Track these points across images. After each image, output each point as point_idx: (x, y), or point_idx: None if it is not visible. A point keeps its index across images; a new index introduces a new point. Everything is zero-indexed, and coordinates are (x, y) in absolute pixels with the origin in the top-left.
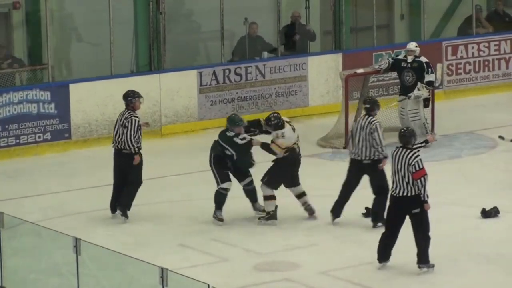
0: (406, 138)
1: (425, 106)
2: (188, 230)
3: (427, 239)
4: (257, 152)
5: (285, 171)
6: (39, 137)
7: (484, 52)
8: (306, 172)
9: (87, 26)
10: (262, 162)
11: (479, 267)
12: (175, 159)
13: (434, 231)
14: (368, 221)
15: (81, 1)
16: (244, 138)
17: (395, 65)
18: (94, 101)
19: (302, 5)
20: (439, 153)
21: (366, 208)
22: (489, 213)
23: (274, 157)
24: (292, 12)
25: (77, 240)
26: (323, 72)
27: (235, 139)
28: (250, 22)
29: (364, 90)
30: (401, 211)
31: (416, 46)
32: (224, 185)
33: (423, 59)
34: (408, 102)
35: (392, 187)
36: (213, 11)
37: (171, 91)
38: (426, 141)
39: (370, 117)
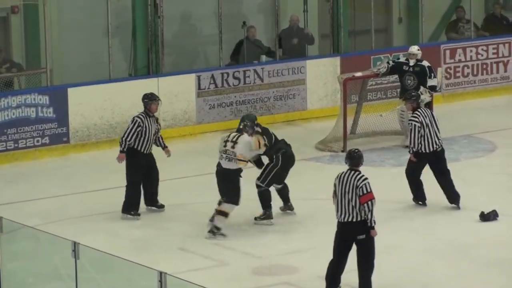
0: (356, 159)
1: None
2: (187, 234)
3: (371, 267)
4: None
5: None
6: (38, 141)
7: (482, 55)
8: (305, 176)
9: (86, 30)
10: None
11: (478, 271)
12: (173, 163)
13: (433, 234)
14: None
15: (79, 5)
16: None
17: (396, 68)
18: (93, 105)
19: (300, 8)
20: None
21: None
22: (488, 216)
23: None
24: (291, 16)
25: (75, 244)
26: (321, 76)
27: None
28: (248, 26)
29: (363, 94)
30: (347, 237)
31: (418, 50)
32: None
33: (425, 63)
34: None
35: (337, 214)
36: (212, 15)
37: (170, 95)
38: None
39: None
